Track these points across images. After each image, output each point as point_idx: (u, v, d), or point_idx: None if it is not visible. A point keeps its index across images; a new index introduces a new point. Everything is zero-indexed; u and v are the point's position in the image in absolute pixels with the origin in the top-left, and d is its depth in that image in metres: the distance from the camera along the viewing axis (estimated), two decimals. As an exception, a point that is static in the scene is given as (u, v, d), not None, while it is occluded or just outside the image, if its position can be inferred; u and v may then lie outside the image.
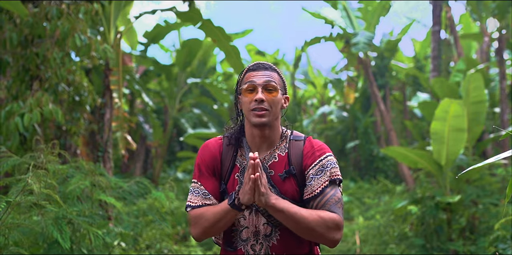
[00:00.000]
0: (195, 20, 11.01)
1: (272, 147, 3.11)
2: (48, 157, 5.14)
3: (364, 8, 18.92)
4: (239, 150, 3.15)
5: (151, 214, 6.78)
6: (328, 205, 2.92)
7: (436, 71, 16.90)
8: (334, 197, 2.94)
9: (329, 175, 2.99)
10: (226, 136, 3.20)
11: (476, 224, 11.19)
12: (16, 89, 7.85)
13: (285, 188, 3.01)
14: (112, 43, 10.40)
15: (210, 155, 3.14)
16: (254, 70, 3.08)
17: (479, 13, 16.95)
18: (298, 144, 3.11)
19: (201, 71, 21.44)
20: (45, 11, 7.63)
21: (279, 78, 3.10)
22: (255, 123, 3.00)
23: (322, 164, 3.01)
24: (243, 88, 3.05)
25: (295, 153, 3.07)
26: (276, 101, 3.03)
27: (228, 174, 3.10)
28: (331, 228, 2.85)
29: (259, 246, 3.02)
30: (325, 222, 2.84)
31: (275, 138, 3.11)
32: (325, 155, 3.05)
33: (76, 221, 5.05)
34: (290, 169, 3.03)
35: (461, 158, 11.83)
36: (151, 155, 20.40)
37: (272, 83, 3.02)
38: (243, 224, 3.04)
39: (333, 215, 2.88)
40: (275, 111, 3.03)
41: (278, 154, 3.09)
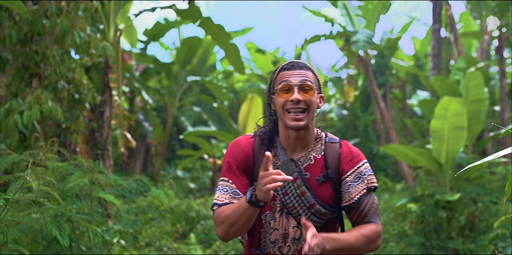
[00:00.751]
0: (195, 18, 11.00)
1: (307, 149, 3.03)
2: (47, 154, 5.13)
3: (364, 6, 18.93)
4: (272, 150, 3.03)
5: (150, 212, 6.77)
6: (368, 216, 2.92)
7: (436, 69, 16.91)
8: (373, 205, 2.94)
9: (366, 182, 2.95)
10: (258, 134, 3.09)
11: (476, 222, 11.19)
12: (15, 87, 7.85)
13: (320, 192, 2.94)
14: (111, 41, 10.39)
15: (242, 153, 3.03)
16: (288, 69, 2.98)
17: (479, 11, 16.94)
18: (334, 147, 3.04)
19: (201, 69, 21.44)
20: (45, 9, 7.62)
21: (314, 77, 3.01)
22: (292, 127, 2.91)
23: (360, 171, 2.97)
24: (277, 88, 2.95)
25: (331, 157, 3.00)
26: (313, 101, 2.94)
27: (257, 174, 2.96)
28: (376, 240, 2.87)
29: (286, 248, 2.95)
30: (370, 238, 2.84)
31: (310, 139, 3.03)
32: (362, 161, 3.00)
33: (75, 218, 5.04)
34: (328, 173, 2.96)
35: (461, 156, 11.82)
36: (151, 152, 20.39)
37: (308, 83, 2.93)
38: (273, 226, 2.96)
39: (373, 227, 2.88)
40: (312, 111, 2.95)
41: (313, 156, 3.01)
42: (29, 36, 7.79)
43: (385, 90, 22.29)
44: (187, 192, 18.73)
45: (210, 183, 19.49)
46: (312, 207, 2.89)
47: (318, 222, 2.93)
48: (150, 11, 11.11)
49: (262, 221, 2.98)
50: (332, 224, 3.03)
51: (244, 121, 15.07)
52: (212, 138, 21.73)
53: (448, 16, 18.13)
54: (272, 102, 3.05)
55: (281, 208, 2.94)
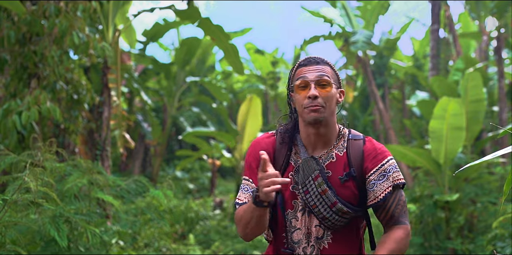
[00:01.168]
0: (194, 19, 11.00)
1: (328, 146, 2.96)
2: (46, 155, 5.13)
3: (363, 7, 18.92)
4: (294, 148, 2.98)
5: (149, 213, 6.77)
6: (395, 216, 2.85)
7: (435, 70, 16.91)
8: (400, 203, 2.85)
9: (391, 180, 2.85)
10: (279, 132, 3.04)
11: (475, 223, 11.19)
12: (14, 87, 7.84)
13: (342, 190, 2.87)
14: (110, 42, 10.39)
15: (263, 149, 2.96)
16: (305, 65, 2.92)
17: (478, 12, 16.96)
18: (357, 144, 2.96)
19: (200, 69, 21.44)
20: (43, 9, 7.62)
21: (332, 72, 2.94)
22: (310, 120, 2.84)
23: (384, 168, 2.87)
24: (295, 85, 2.90)
25: (355, 154, 2.92)
26: (331, 96, 2.87)
27: (281, 173, 2.94)
28: (408, 239, 2.84)
29: (310, 248, 2.89)
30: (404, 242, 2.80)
31: (332, 136, 2.95)
32: (387, 158, 2.89)
33: (73, 219, 5.04)
34: (351, 171, 2.89)
35: (459, 157, 11.83)
36: (150, 153, 20.39)
37: (325, 78, 2.86)
38: (294, 225, 2.91)
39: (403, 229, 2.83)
40: (330, 107, 2.87)
41: (336, 154, 2.93)
42: (27, 36, 7.78)
43: (384, 90, 22.30)
44: (186, 193, 18.74)
45: (209, 183, 19.51)
46: (334, 206, 2.83)
47: (340, 220, 2.86)
48: (149, 11, 11.11)
49: (286, 219, 2.94)
50: (355, 222, 2.95)
51: (243, 121, 15.06)
52: (211, 139, 21.72)
53: (446, 16, 18.13)
54: (291, 100, 2.99)
55: (303, 207, 2.90)
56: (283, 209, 2.94)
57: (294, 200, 2.91)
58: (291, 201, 2.92)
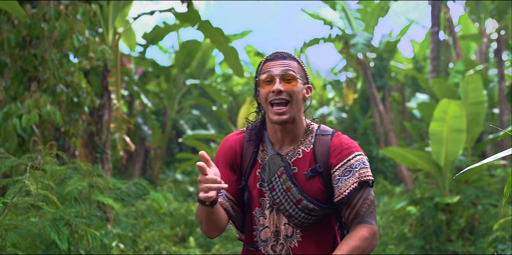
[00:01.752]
0: (194, 21, 11.01)
1: (296, 142, 2.90)
2: (46, 158, 5.13)
3: (363, 9, 18.95)
4: (261, 145, 2.95)
5: (149, 216, 6.76)
6: (361, 215, 2.73)
7: (435, 72, 16.93)
8: (366, 201, 2.74)
9: (357, 176, 2.76)
10: (247, 129, 3.04)
11: (475, 225, 11.19)
12: (14, 91, 7.84)
13: (308, 187, 2.80)
14: (110, 44, 10.40)
15: (230, 148, 2.98)
16: (271, 60, 2.88)
17: (477, 14, 16.97)
18: (324, 139, 2.88)
19: (200, 72, 21.44)
20: (43, 12, 7.62)
21: (299, 67, 2.89)
22: (275, 122, 2.80)
23: (350, 164, 2.78)
24: (260, 79, 2.87)
25: (321, 149, 2.84)
26: (296, 91, 2.81)
27: (249, 170, 2.92)
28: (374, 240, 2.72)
29: (279, 246, 2.85)
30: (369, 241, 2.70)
31: (299, 132, 2.90)
32: (353, 154, 2.81)
33: (74, 222, 5.04)
34: (316, 167, 2.82)
35: (460, 159, 11.84)
36: (150, 156, 20.37)
37: (290, 72, 2.81)
38: (263, 223, 2.88)
39: (368, 228, 2.71)
40: (296, 102, 2.82)
41: (302, 150, 2.87)
42: (27, 39, 7.78)
43: (384, 93, 22.30)
44: (186, 196, 18.71)
45: (210, 186, 19.46)
46: (299, 203, 2.76)
47: (307, 218, 2.79)
48: (149, 14, 11.11)
49: (254, 217, 2.92)
50: (328, 222, 2.90)
51: (243, 124, 15.02)
52: (211, 141, 21.72)
53: (446, 19, 18.16)
54: (257, 95, 2.97)
55: (271, 205, 2.87)
56: (249, 207, 2.91)
57: (262, 197, 2.89)
58: (259, 198, 2.89)
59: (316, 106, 26.98)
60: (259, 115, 3.05)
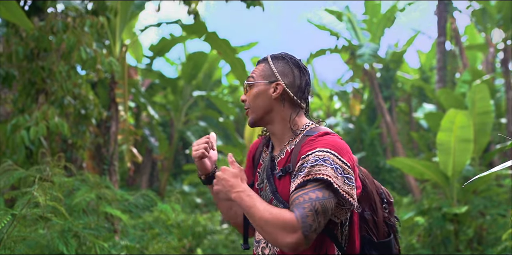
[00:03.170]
0: (201, 33, 11.04)
1: (283, 143, 2.81)
2: (54, 169, 5.14)
3: (369, 20, 19.01)
4: (266, 146, 2.95)
5: (157, 227, 6.76)
6: (293, 203, 2.43)
7: (441, 82, 16.91)
8: (304, 196, 2.41)
9: (306, 172, 2.48)
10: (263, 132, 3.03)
11: (484, 235, 11.14)
12: (22, 103, 7.87)
13: (281, 187, 2.66)
14: (117, 57, 10.43)
15: (250, 152, 3.07)
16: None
17: (484, 24, 16.98)
18: (306, 139, 2.68)
19: (206, 84, 21.48)
20: (51, 25, 7.66)
21: (263, 68, 2.81)
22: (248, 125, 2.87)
23: (307, 159, 2.52)
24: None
25: (296, 149, 2.67)
26: (254, 96, 2.78)
27: (255, 170, 2.95)
28: (280, 228, 2.38)
29: (268, 249, 2.73)
30: (277, 221, 2.39)
31: (283, 132, 2.79)
32: (315, 150, 2.54)
33: (82, 233, 5.04)
34: (286, 167, 2.67)
35: (467, 169, 11.80)
36: (157, 168, 20.40)
37: (248, 81, 2.82)
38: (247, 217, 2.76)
39: (287, 214, 2.39)
40: (256, 106, 2.77)
41: (286, 150, 2.76)
42: (35, 52, 7.81)
43: (391, 103, 22.29)
44: (193, 207, 18.71)
45: (217, 197, 19.45)
46: (271, 203, 2.65)
47: None
48: (155, 26, 11.16)
49: None
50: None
51: (250, 135, 15.06)
52: (218, 153, 21.74)
53: (453, 29, 18.17)
54: None
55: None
56: None
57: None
58: None
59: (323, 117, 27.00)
60: None
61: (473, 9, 17.05)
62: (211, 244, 11.99)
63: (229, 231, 13.31)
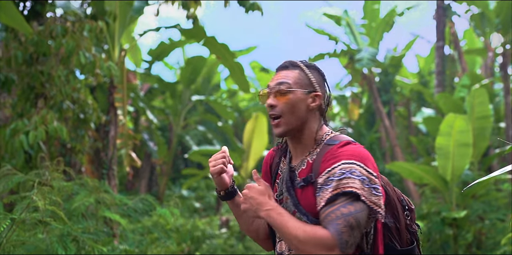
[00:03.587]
0: (199, 37, 11.06)
1: (305, 153, 2.70)
2: (53, 174, 5.14)
3: (368, 25, 19.03)
4: (284, 157, 2.82)
5: (156, 231, 6.76)
6: (325, 220, 2.38)
7: (440, 86, 16.93)
8: (336, 212, 2.37)
9: (335, 186, 2.43)
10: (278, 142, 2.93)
11: (483, 240, 11.13)
12: (21, 107, 7.87)
13: (303, 198, 2.58)
14: (116, 61, 10.44)
15: (265, 162, 2.95)
16: (276, 71, 2.77)
17: (483, 28, 17.00)
18: (327, 149, 2.62)
19: (205, 88, 21.50)
20: (50, 29, 7.67)
21: (299, 76, 2.69)
22: (275, 135, 2.70)
23: (333, 172, 2.47)
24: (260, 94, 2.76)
25: (318, 159, 2.60)
26: (290, 104, 2.63)
27: (273, 181, 2.83)
28: (316, 247, 2.34)
29: None
30: (311, 239, 2.34)
31: (307, 142, 2.70)
32: (340, 162, 2.49)
33: (81, 238, 5.04)
34: (307, 177, 2.58)
35: (466, 173, 11.81)
36: (156, 172, 20.39)
37: (283, 86, 2.65)
38: (279, 236, 2.71)
39: (322, 232, 2.34)
40: (291, 116, 2.64)
41: (307, 161, 2.67)
42: (34, 56, 7.82)
43: (389, 108, 22.30)
44: (192, 212, 18.69)
45: (215, 202, 19.48)
46: (294, 215, 2.53)
47: None
48: (154, 31, 11.16)
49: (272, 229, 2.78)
50: None
51: (249, 140, 15.06)
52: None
53: (451, 33, 18.19)
54: None
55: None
56: None
57: None
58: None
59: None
60: None
61: (472, 13, 17.06)
62: (210, 248, 11.99)
63: (227, 235, 13.31)
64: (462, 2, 16.91)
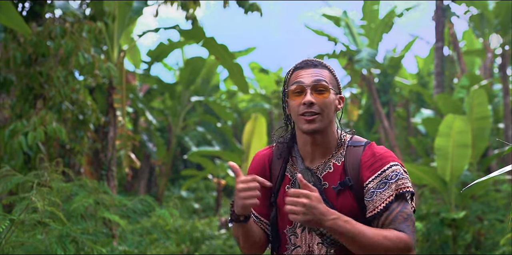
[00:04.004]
0: (199, 38, 11.06)
1: (327, 156, 2.65)
2: (52, 175, 5.13)
3: (367, 26, 19.05)
4: (291, 159, 2.72)
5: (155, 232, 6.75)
6: (395, 223, 2.41)
7: (439, 87, 16.93)
8: (402, 213, 2.42)
9: (394, 188, 2.46)
10: (277, 142, 2.77)
11: (482, 240, 11.13)
12: (20, 108, 7.87)
13: (340, 203, 2.53)
14: (115, 62, 10.43)
15: (258, 164, 2.77)
16: (301, 68, 2.65)
17: (482, 29, 17.00)
18: (356, 151, 2.63)
19: (204, 89, 21.50)
20: (49, 30, 7.67)
21: (331, 76, 2.66)
22: (305, 131, 2.56)
23: (386, 175, 2.50)
24: (290, 90, 2.62)
25: (352, 162, 2.59)
26: (328, 103, 2.58)
27: (278, 186, 2.68)
28: (402, 250, 2.36)
29: None
30: (394, 245, 2.35)
31: (330, 144, 2.66)
32: (388, 164, 2.52)
33: (80, 239, 5.03)
34: (346, 180, 2.55)
35: (465, 174, 11.80)
36: (155, 173, 20.39)
37: (323, 83, 2.57)
38: (294, 242, 2.62)
39: (401, 234, 2.37)
40: (328, 114, 2.59)
41: (333, 163, 2.62)
42: (33, 57, 7.82)
43: (388, 108, 22.31)
44: (191, 212, 18.70)
45: (215, 203, 19.48)
46: None
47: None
48: (153, 31, 11.16)
49: (285, 236, 2.67)
50: None
51: (248, 141, 15.07)
52: (216, 158, 21.71)
53: (451, 34, 18.19)
54: (286, 106, 2.71)
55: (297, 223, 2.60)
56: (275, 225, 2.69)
57: None
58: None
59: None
60: (288, 129, 2.80)
61: (471, 14, 17.08)
62: (209, 249, 11.98)
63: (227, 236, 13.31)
64: (461, 3, 16.91)
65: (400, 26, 34.16)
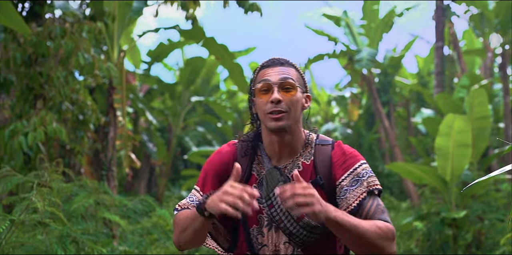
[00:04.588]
0: (199, 38, 11.05)
1: (294, 154, 2.67)
2: (52, 175, 5.13)
3: (367, 25, 19.04)
4: (256, 158, 2.70)
5: (155, 232, 6.76)
6: (376, 215, 2.49)
7: (439, 87, 16.92)
8: (379, 206, 2.51)
9: (366, 185, 2.54)
10: (241, 140, 2.77)
11: (482, 240, 11.13)
12: (20, 109, 7.86)
13: None
14: (115, 62, 10.42)
15: (221, 161, 2.73)
16: (268, 66, 2.65)
17: (482, 29, 16.99)
18: (325, 150, 2.66)
19: (204, 89, 21.49)
20: (49, 30, 7.66)
21: (298, 75, 2.66)
22: (272, 128, 2.56)
23: (357, 173, 2.57)
24: (256, 88, 2.61)
25: (322, 160, 2.62)
26: (295, 101, 2.58)
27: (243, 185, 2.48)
28: (390, 239, 2.43)
29: None
30: (385, 234, 2.41)
31: (297, 143, 2.67)
32: (359, 162, 2.60)
33: (80, 239, 5.03)
34: (317, 179, 2.58)
35: (466, 174, 11.79)
36: (155, 173, 20.38)
37: (290, 81, 2.57)
38: (261, 241, 2.61)
39: (387, 224, 2.44)
40: (295, 112, 2.59)
41: (302, 162, 2.64)
42: (33, 58, 7.81)
43: (389, 108, 22.30)
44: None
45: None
46: (300, 220, 2.51)
47: (310, 236, 2.54)
48: (153, 31, 11.16)
49: (250, 235, 2.64)
50: (331, 240, 2.63)
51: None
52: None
53: (451, 34, 18.18)
54: (253, 105, 2.70)
55: (269, 222, 2.61)
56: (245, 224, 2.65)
57: (260, 214, 2.63)
58: (257, 215, 2.62)
59: (321, 122, 26.98)
60: (254, 127, 2.78)
61: (471, 14, 17.06)
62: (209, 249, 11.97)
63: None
64: (461, 2, 16.90)
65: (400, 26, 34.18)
